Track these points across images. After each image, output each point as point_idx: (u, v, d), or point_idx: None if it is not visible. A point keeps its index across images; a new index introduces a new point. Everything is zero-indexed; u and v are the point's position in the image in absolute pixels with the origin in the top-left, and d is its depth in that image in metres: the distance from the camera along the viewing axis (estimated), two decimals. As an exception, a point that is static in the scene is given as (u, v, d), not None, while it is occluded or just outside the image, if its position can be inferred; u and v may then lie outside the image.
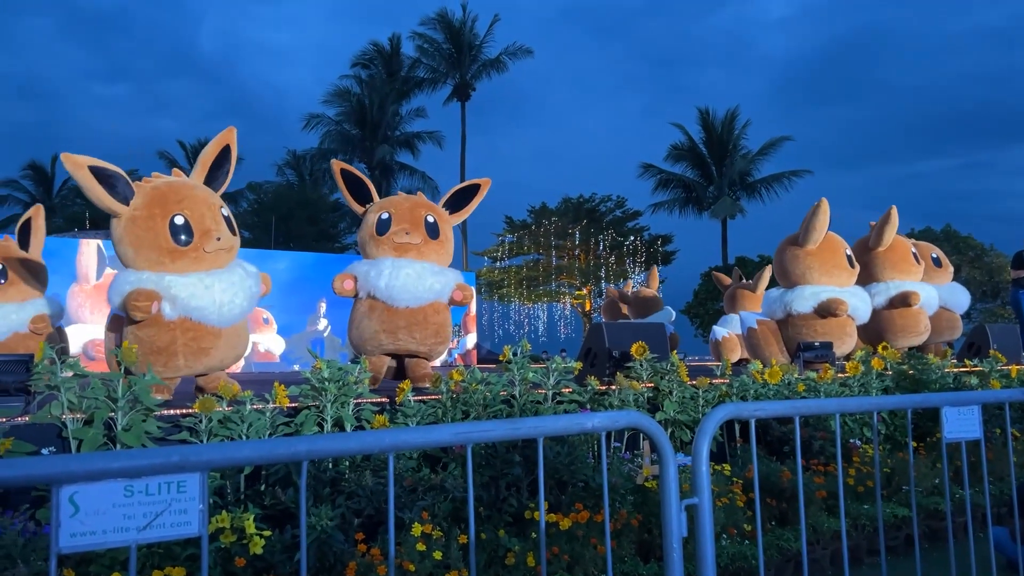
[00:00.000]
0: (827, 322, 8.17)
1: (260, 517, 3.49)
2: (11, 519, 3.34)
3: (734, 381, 5.95)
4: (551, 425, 1.97)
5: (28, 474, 1.38)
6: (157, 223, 5.03)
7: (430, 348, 6.42)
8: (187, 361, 5.12)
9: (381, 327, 6.17)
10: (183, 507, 1.46)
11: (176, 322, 5.04)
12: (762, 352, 8.25)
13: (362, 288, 6.23)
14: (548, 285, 37.52)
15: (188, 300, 5.02)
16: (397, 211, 6.37)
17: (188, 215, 5.12)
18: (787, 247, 8.58)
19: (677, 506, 2.03)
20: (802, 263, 8.35)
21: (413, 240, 6.28)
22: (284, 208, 34.46)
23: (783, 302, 8.35)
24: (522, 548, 3.74)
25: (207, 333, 5.17)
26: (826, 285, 8.28)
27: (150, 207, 5.07)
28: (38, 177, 39.97)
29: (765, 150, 36.72)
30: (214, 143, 5.63)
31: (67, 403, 3.77)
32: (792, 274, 8.42)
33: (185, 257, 5.10)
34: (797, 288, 8.33)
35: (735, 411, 2.29)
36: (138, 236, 5.04)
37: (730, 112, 36.81)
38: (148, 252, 5.04)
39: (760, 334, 8.32)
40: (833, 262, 8.37)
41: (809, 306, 8.20)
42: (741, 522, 4.41)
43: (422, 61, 37.86)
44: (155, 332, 5.05)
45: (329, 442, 1.70)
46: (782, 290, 8.57)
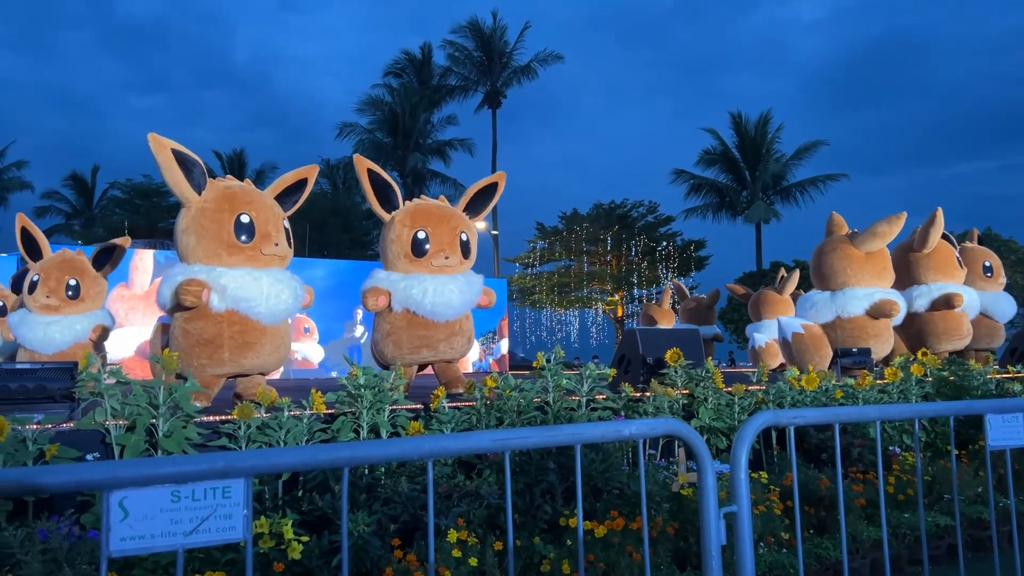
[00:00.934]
0: (877, 324, 8.09)
1: (298, 523, 3.53)
2: (57, 523, 3.41)
3: (770, 388, 5.89)
4: (589, 432, 1.97)
5: (80, 479, 1.42)
6: (224, 216, 5.29)
7: (462, 353, 6.55)
8: (232, 355, 5.24)
9: (422, 342, 6.21)
10: (228, 512, 1.49)
11: (224, 314, 5.21)
12: (811, 358, 8.15)
13: (398, 302, 6.19)
14: (580, 291, 37.43)
15: (236, 291, 5.20)
16: (435, 231, 6.26)
17: (254, 216, 5.37)
18: (836, 247, 8.48)
19: (716, 514, 2.01)
20: (854, 264, 8.27)
21: (451, 263, 6.30)
22: (318, 216, 34.78)
23: (834, 304, 8.26)
24: (557, 555, 3.73)
25: (253, 328, 5.33)
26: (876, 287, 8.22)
27: (220, 202, 5.32)
28: (78, 187, 40.77)
29: (799, 154, 36.30)
30: (295, 173, 6.00)
31: (110, 410, 3.85)
32: (842, 274, 8.33)
33: (242, 254, 5.33)
34: (848, 290, 8.25)
35: (774, 418, 2.27)
36: (203, 227, 5.27)
37: (763, 116, 36.47)
38: (209, 243, 5.27)
39: (808, 339, 8.21)
40: (883, 265, 8.31)
41: (862, 308, 8.13)
42: (778, 530, 4.36)
43: (453, 69, 38.04)
44: (203, 324, 5.22)
45: (370, 449, 1.72)
46: (830, 293, 8.46)
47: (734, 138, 36.94)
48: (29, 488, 1.33)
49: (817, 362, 8.23)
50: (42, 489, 1.35)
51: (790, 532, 4.37)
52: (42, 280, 7.59)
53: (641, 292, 36.45)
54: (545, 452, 4.29)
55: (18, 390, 4.14)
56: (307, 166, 6.15)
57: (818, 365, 8.21)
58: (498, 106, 37.45)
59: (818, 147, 36.19)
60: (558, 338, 36.60)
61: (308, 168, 6.13)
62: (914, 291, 9.15)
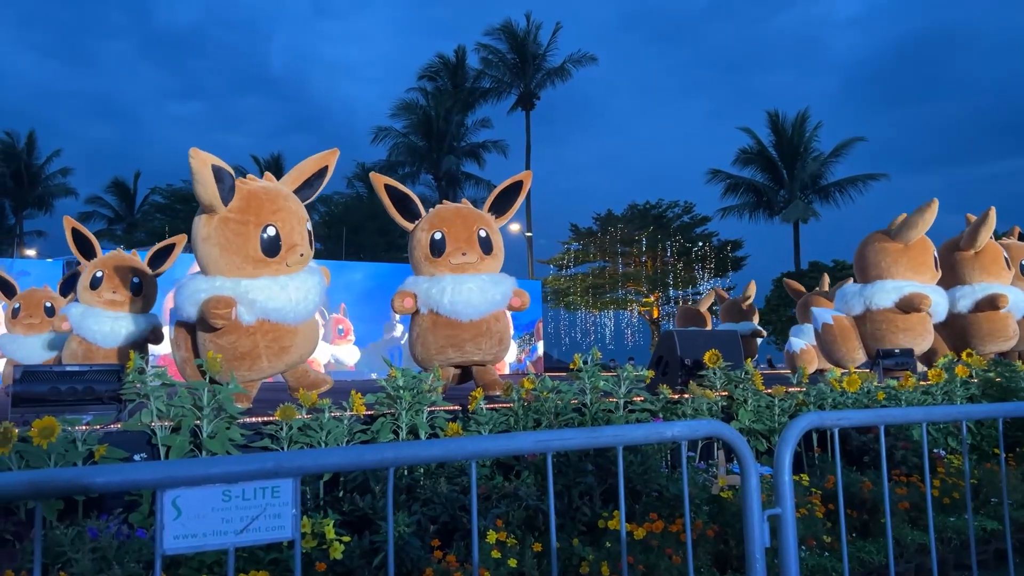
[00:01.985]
0: (908, 318, 7.92)
1: (339, 523, 3.57)
2: (106, 522, 3.49)
3: (811, 389, 5.82)
4: (630, 434, 1.97)
5: (135, 479, 1.45)
6: (250, 231, 5.23)
7: (495, 356, 6.53)
8: (271, 362, 5.32)
9: (447, 341, 6.25)
10: (277, 511, 1.51)
11: (255, 325, 5.25)
12: (838, 349, 8.03)
13: (423, 304, 6.29)
14: (615, 292, 37.28)
15: (266, 302, 5.23)
16: (451, 230, 6.36)
17: (280, 228, 5.32)
18: (875, 240, 8.35)
19: (759, 516, 2.00)
20: (889, 257, 8.11)
21: (470, 260, 6.34)
22: (354, 220, 35.14)
23: (862, 296, 8.12)
24: (596, 557, 3.73)
25: (286, 332, 5.40)
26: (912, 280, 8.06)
27: (245, 213, 5.26)
28: (120, 193, 41.65)
29: (838, 152, 35.79)
30: (315, 159, 5.87)
31: (156, 411, 3.93)
32: (876, 267, 8.19)
33: (268, 268, 5.32)
34: (877, 282, 8.10)
35: (818, 420, 2.25)
36: (228, 239, 5.22)
37: (800, 114, 36.03)
38: (234, 257, 5.24)
39: (837, 330, 8.09)
40: (921, 259, 8.12)
41: (891, 300, 7.97)
42: (820, 533, 4.31)
43: (486, 72, 38.14)
44: (236, 338, 5.25)
45: (414, 449, 1.74)
46: (860, 285, 8.34)
47: (771, 137, 36.56)
48: (86, 487, 1.37)
49: (843, 355, 8.10)
50: (98, 488, 1.39)
51: (832, 535, 4.32)
52: (107, 276, 7.74)
53: (677, 293, 36.19)
54: (583, 454, 4.29)
55: (68, 392, 4.24)
56: (327, 151, 5.97)
57: (844, 358, 8.10)
58: (531, 108, 37.48)
59: (856, 145, 35.65)
60: (593, 340, 36.49)
61: (328, 154, 5.96)
62: (957, 291, 8.96)
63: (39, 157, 39.72)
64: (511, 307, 6.51)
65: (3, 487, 1.34)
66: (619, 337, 37.29)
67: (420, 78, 39.02)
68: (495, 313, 6.41)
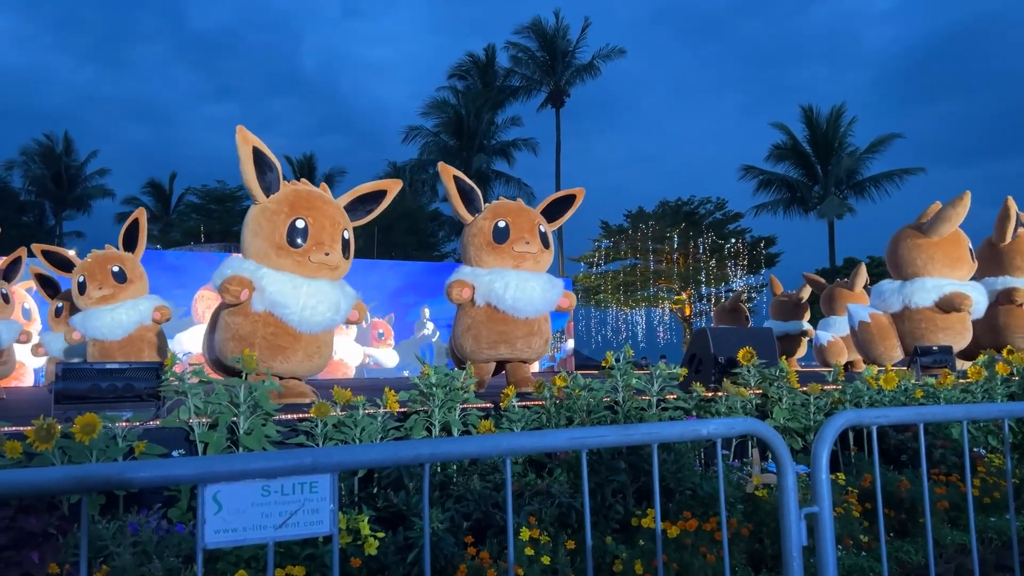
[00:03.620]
0: (947, 317, 7.80)
1: (373, 519, 3.59)
2: (146, 517, 3.55)
3: (847, 387, 5.74)
4: (666, 432, 1.96)
5: (177, 474, 1.48)
6: (280, 219, 5.42)
7: (539, 354, 6.63)
8: (262, 355, 5.38)
9: (500, 337, 6.30)
10: (315, 506, 1.53)
11: (260, 315, 5.39)
12: (875, 348, 7.93)
13: (481, 296, 6.32)
14: (646, 290, 37.05)
15: (274, 295, 5.34)
16: (515, 220, 6.47)
17: (310, 222, 5.46)
18: (907, 237, 8.22)
19: (796, 514, 1.98)
20: (924, 253, 7.98)
21: (531, 249, 6.40)
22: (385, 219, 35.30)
23: (901, 294, 8.01)
24: (630, 555, 3.72)
25: (285, 332, 5.46)
26: (947, 278, 7.91)
27: (281, 204, 5.47)
28: (156, 194, 42.32)
29: (874, 147, 35.24)
30: (374, 184, 6.16)
31: (194, 408, 3.99)
32: (911, 264, 8.06)
33: (289, 258, 5.43)
34: (917, 280, 7.98)
35: (856, 418, 2.22)
36: (260, 225, 5.44)
37: (835, 109, 35.54)
38: (261, 242, 5.44)
39: (874, 328, 7.99)
40: (957, 254, 7.98)
41: (930, 299, 7.85)
42: (857, 533, 4.26)
43: (516, 70, 38.16)
44: (241, 320, 5.43)
45: (450, 446, 1.75)
46: (899, 282, 8.21)
47: (805, 132, 36.11)
48: (129, 482, 1.40)
49: (881, 353, 7.99)
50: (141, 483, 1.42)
51: (869, 535, 4.26)
52: (89, 277, 7.94)
53: (709, 290, 35.87)
54: (616, 452, 4.27)
55: (108, 389, 4.32)
56: (390, 180, 6.33)
57: (882, 356, 7.99)
58: (561, 105, 37.42)
59: (893, 140, 35.09)
60: (623, 338, 36.31)
61: (391, 182, 6.29)
62: (986, 283, 8.82)
63: (77, 159, 40.50)
64: (559, 307, 6.62)
65: (52, 481, 1.38)
66: (650, 335, 37.09)
67: (450, 77, 39.17)
68: (545, 314, 6.55)
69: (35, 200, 39.73)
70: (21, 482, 1.36)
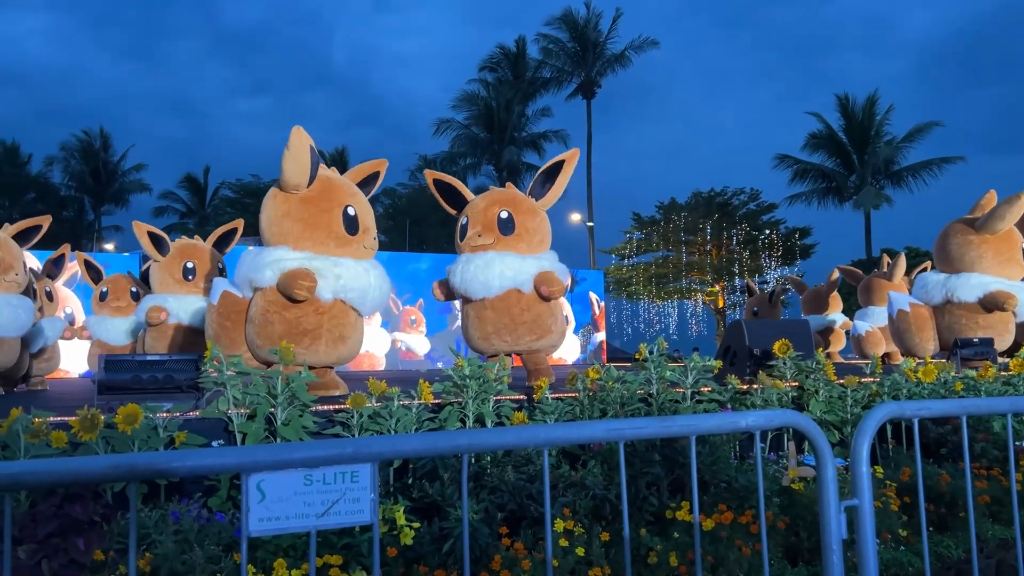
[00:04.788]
0: (989, 315, 7.66)
1: (408, 509, 3.63)
2: (187, 506, 3.62)
3: (885, 380, 5.66)
4: (704, 424, 1.95)
5: (222, 463, 1.51)
6: (334, 207, 5.49)
7: (529, 345, 6.29)
8: (327, 347, 5.43)
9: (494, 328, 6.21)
10: (356, 496, 1.55)
11: (327, 305, 5.39)
12: (911, 338, 7.81)
13: (455, 290, 6.43)
14: (678, 282, 36.80)
15: (350, 281, 5.40)
16: (472, 213, 6.43)
17: (358, 210, 5.59)
18: (958, 231, 8.07)
19: (836, 507, 1.96)
20: (974, 250, 7.84)
21: (485, 241, 6.28)
22: (417, 212, 35.50)
23: (945, 287, 7.88)
24: (664, 548, 3.71)
25: (351, 320, 5.53)
26: (996, 276, 7.77)
27: (327, 193, 5.52)
28: (192, 188, 42.91)
29: (911, 136, 34.59)
30: (369, 165, 6.20)
31: (232, 399, 4.05)
32: (960, 260, 7.92)
33: (350, 247, 5.55)
34: (963, 275, 7.85)
35: (897, 410, 2.19)
36: (313, 215, 5.43)
37: (871, 97, 34.95)
38: (317, 233, 5.44)
39: (912, 318, 7.87)
40: (1009, 253, 7.83)
41: (975, 296, 7.71)
42: (896, 527, 4.21)
43: (547, 62, 38.03)
44: (304, 313, 5.34)
45: (488, 436, 1.76)
46: (944, 275, 8.08)
47: (841, 121, 35.56)
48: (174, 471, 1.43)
49: (916, 344, 7.88)
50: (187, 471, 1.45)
51: (908, 529, 4.21)
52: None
53: (742, 282, 35.52)
54: (650, 444, 4.26)
55: (149, 380, 4.40)
56: (378, 160, 6.34)
57: (916, 347, 7.87)
58: (592, 96, 37.24)
59: (932, 128, 34.41)
60: (656, 330, 36.10)
61: (379, 162, 6.33)
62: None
63: (115, 155, 41.19)
64: (543, 294, 6.13)
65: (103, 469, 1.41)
66: (683, 327, 36.82)
67: (481, 69, 39.19)
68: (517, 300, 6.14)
69: (75, 195, 40.52)
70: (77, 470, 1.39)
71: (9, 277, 7.38)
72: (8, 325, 7.35)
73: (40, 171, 39.53)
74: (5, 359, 7.53)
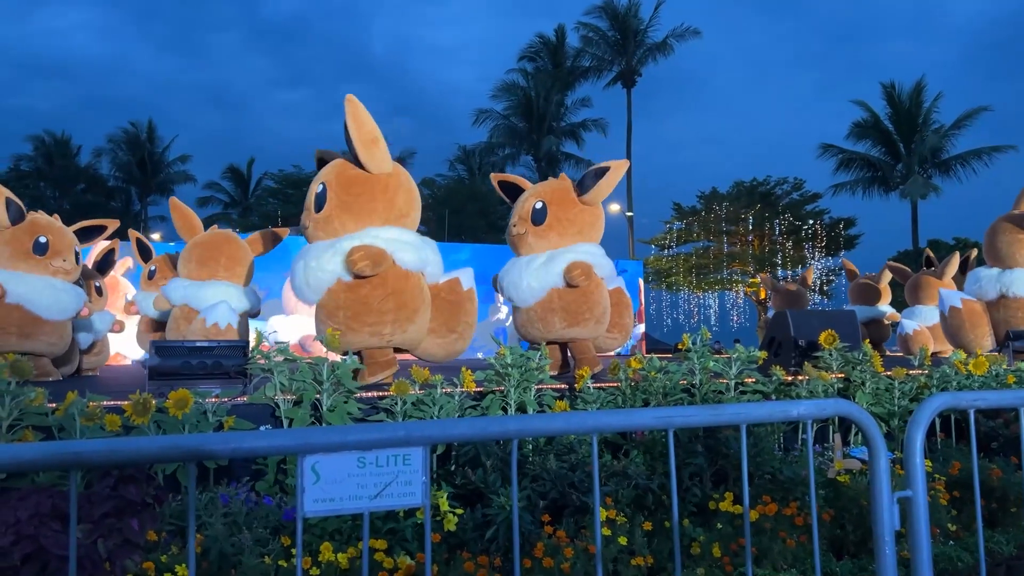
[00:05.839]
0: (1047, 308, 7.50)
1: (451, 495, 3.66)
2: (235, 489, 3.69)
3: (934, 372, 5.56)
4: (755, 412, 1.94)
5: (278, 444, 1.54)
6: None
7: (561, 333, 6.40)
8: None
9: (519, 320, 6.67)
10: (408, 479, 1.57)
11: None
12: (966, 334, 7.65)
13: None
14: (719, 273, 36.41)
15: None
16: (516, 205, 6.74)
17: None
18: (1005, 230, 7.91)
19: (889, 498, 1.94)
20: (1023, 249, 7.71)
21: (519, 231, 6.54)
22: (456, 202, 35.59)
23: (1000, 282, 7.73)
24: (707, 538, 3.69)
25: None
26: None
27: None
28: (236, 179, 43.53)
29: (960, 124, 33.68)
30: None
31: (279, 385, 4.12)
32: (1011, 258, 7.77)
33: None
34: (1018, 270, 7.69)
35: (952, 401, 2.15)
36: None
37: (918, 84, 34.11)
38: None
39: (966, 314, 7.71)
40: None
41: None
42: (945, 521, 4.13)
43: (587, 51, 37.76)
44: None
45: (538, 422, 1.76)
46: (998, 270, 7.91)
47: (887, 109, 34.73)
48: (235, 451, 1.46)
49: (971, 340, 7.70)
50: (246, 453, 1.48)
51: (957, 523, 4.14)
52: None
53: (785, 273, 35.01)
54: (693, 435, 4.24)
55: (198, 366, 4.50)
56: None
57: (972, 343, 7.70)
58: (633, 85, 36.92)
59: (981, 115, 33.46)
60: (696, 321, 35.79)
61: None
62: None
63: (160, 146, 41.93)
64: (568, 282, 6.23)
65: (164, 449, 1.45)
66: (724, 318, 36.43)
67: (520, 59, 39.04)
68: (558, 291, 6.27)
69: (122, 186, 41.37)
70: (146, 449, 1.43)
71: (56, 263, 7.56)
72: (52, 308, 7.46)
73: (89, 162, 40.45)
74: (50, 342, 7.59)
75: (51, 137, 39.06)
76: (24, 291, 7.27)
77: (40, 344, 7.45)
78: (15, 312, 7.23)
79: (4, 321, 7.19)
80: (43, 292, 7.40)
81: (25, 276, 7.36)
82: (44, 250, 7.47)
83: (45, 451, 1.44)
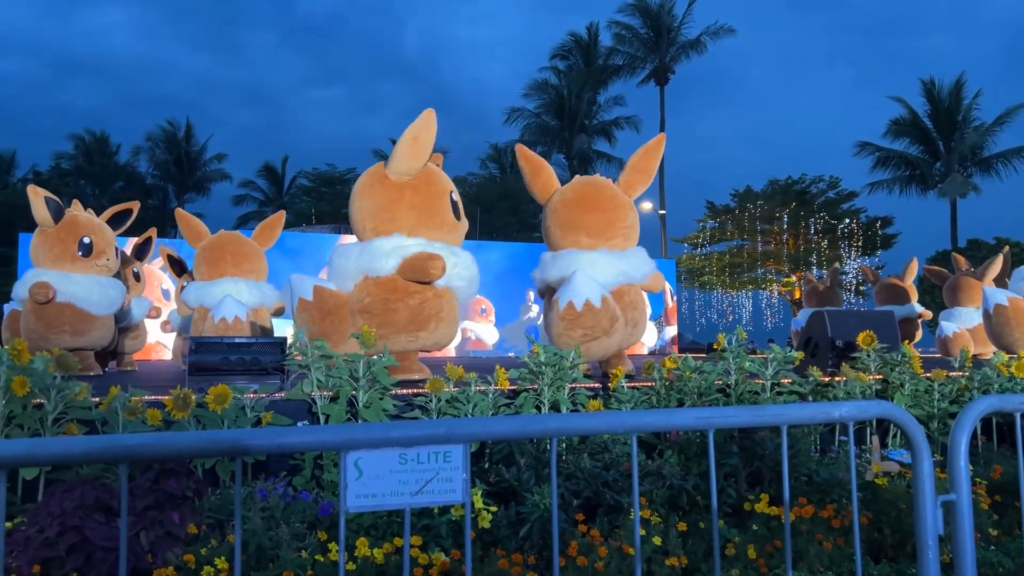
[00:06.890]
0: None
1: (485, 493, 3.67)
2: (273, 484, 3.74)
3: (975, 374, 5.46)
4: (796, 413, 1.92)
5: (321, 440, 1.56)
6: (443, 195, 5.60)
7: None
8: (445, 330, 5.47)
9: None
10: (448, 475, 1.59)
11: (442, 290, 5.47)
12: (1011, 333, 7.51)
13: None
14: (753, 272, 36.06)
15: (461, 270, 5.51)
16: None
17: (455, 199, 5.71)
18: None
19: (933, 502, 1.91)
20: None
21: None
22: (487, 200, 35.66)
23: None
24: (742, 540, 3.67)
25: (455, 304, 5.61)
26: None
27: (432, 178, 5.62)
28: (271, 177, 44.00)
29: (1001, 120, 32.98)
30: None
31: (316, 381, 4.16)
32: None
33: (455, 233, 5.68)
34: None
35: (999, 404, 2.11)
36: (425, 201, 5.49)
37: (958, 81, 33.46)
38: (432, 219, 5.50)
39: (1012, 312, 7.56)
40: None
41: None
42: (986, 526, 4.06)
43: (619, 49, 37.60)
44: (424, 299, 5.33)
45: (576, 421, 1.77)
46: None
47: (925, 106, 34.15)
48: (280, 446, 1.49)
49: (1016, 339, 7.56)
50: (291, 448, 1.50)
51: (998, 528, 4.06)
52: None
53: (820, 273, 34.58)
54: (728, 435, 4.21)
55: (237, 362, 4.56)
56: None
57: (1017, 342, 7.56)
58: (666, 82, 36.69)
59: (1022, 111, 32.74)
60: (729, 321, 35.49)
61: None
62: None
63: (196, 144, 42.53)
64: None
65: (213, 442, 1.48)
66: (757, 318, 36.07)
67: (553, 57, 39.01)
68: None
69: (160, 184, 42.03)
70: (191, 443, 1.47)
71: (101, 261, 8.05)
72: (101, 303, 8.00)
73: (128, 160, 41.16)
74: (100, 336, 8.14)
75: (91, 135, 39.80)
76: (74, 290, 7.74)
77: (92, 339, 8.00)
78: (67, 310, 7.73)
79: (57, 320, 7.68)
80: (92, 290, 7.89)
81: (72, 276, 7.80)
82: (89, 251, 7.94)
83: (96, 444, 1.49)
